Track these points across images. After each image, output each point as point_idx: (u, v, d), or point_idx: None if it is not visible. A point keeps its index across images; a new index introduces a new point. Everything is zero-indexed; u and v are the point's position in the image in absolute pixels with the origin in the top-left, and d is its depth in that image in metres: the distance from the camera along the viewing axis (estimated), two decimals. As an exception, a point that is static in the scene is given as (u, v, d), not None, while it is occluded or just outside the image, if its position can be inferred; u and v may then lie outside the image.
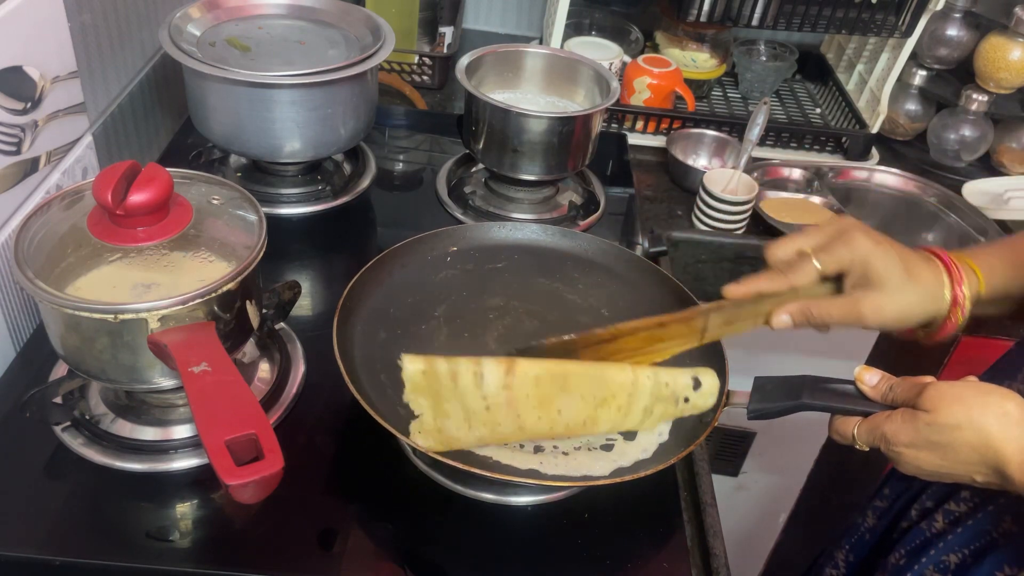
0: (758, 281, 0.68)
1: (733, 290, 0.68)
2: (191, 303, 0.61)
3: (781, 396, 0.67)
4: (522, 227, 0.91)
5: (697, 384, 0.67)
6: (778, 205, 1.21)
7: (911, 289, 0.67)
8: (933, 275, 0.68)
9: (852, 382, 0.64)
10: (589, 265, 0.88)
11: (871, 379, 0.63)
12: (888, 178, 1.32)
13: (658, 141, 1.32)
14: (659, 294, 0.84)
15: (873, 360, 1.31)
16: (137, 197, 0.62)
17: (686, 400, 0.67)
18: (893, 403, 0.62)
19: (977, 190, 1.31)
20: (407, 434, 0.63)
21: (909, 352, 1.29)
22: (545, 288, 0.85)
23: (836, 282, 0.69)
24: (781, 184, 1.29)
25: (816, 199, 1.24)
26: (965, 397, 0.58)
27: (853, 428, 0.62)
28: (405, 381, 0.62)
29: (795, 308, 0.68)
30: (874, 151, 1.37)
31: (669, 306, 0.78)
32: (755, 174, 1.24)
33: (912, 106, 1.42)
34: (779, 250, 0.69)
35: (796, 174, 1.29)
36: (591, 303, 0.84)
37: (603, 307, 0.84)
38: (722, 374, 0.72)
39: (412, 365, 0.61)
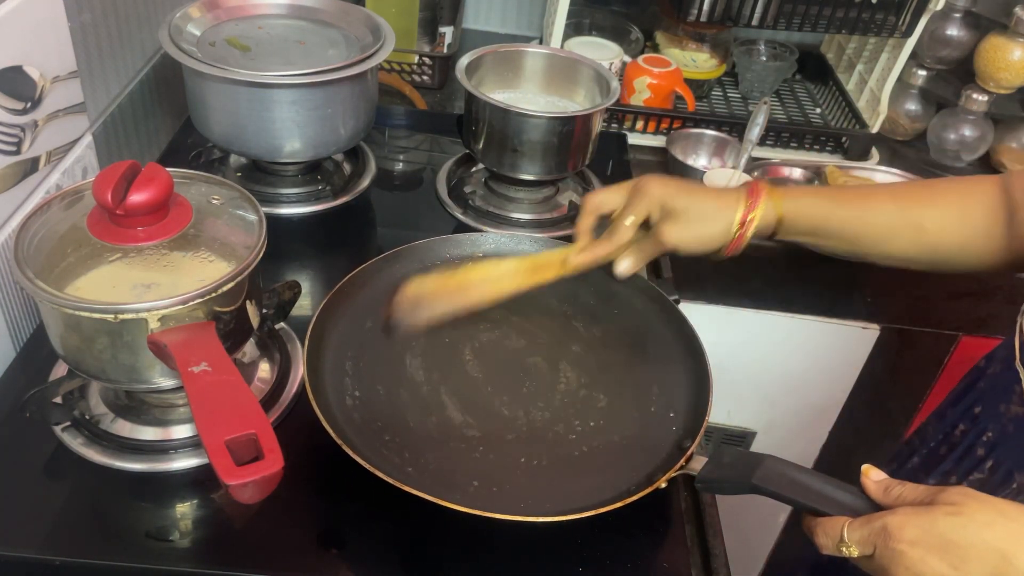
0: (597, 250, 0.79)
1: (581, 260, 0.79)
2: (191, 303, 0.61)
3: (733, 472, 0.63)
4: (552, 245, 0.88)
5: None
6: None
7: (707, 217, 0.76)
8: (729, 203, 0.77)
9: (812, 472, 0.59)
10: (610, 296, 0.85)
11: (877, 475, 0.58)
12: (888, 178, 1.32)
13: (658, 141, 1.32)
14: (673, 355, 0.78)
15: (874, 357, 1.31)
16: (137, 197, 0.62)
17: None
18: (895, 503, 0.55)
19: (977, 190, 1.30)
20: (336, 400, 0.70)
21: (909, 349, 1.29)
22: (554, 311, 0.83)
23: (644, 226, 0.79)
24: (781, 184, 1.28)
25: None
26: (996, 500, 0.52)
27: (843, 526, 0.55)
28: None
29: (631, 260, 0.80)
30: (874, 151, 1.37)
31: (675, 375, 0.76)
32: (755, 173, 1.24)
33: (912, 106, 1.41)
34: (591, 218, 0.79)
35: (797, 173, 1.29)
36: (593, 333, 0.82)
37: (604, 340, 0.81)
38: (705, 397, 0.72)
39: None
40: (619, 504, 0.62)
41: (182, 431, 0.70)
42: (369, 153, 1.10)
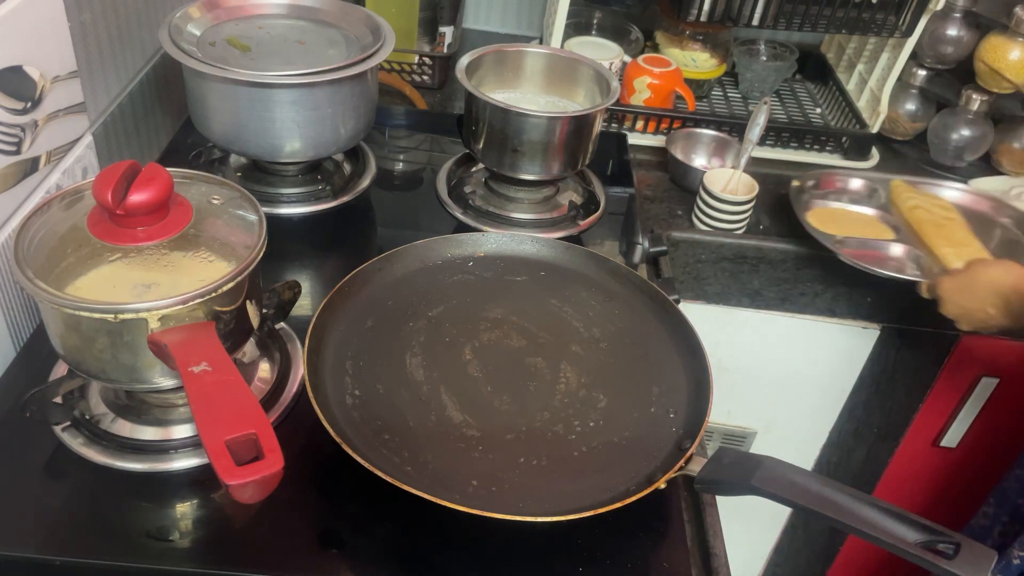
0: None
1: None
2: (191, 303, 0.61)
3: (732, 474, 0.64)
4: (552, 245, 0.89)
5: None
6: (826, 216, 1.16)
7: None
8: None
9: (810, 473, 0.62)
10: (610, 296, 0.85)
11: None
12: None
13: (658, 141, 1.32)
14: (673, 354, 0.79)
15: (873, 358, 1.31)
16: (137, 197, 0.62)
17: None
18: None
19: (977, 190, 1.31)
20: (326, 408, 0.68)
21: (909, 350, 1.29)
22: (553, 309, 0.84)
23: None
24: (836, 195, 1.22)
25: (870, 211, 1.19)
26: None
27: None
28: None
29: None
30: (874, 151, 1.37)
31: (675, 375, 0.77)
32: (809, 183, 1.19)
33: (912, 106, 1.41)
34: None
35: (854, 184, 1.23)
36: (593, 334, 0.81)
37: (604, 340, 0.81)
38: (705, 397, 0.72)
39: None
40: (619, 504, 0.62)
41: (182, 431, 0.70)
42: (369, 153, 1.10)
